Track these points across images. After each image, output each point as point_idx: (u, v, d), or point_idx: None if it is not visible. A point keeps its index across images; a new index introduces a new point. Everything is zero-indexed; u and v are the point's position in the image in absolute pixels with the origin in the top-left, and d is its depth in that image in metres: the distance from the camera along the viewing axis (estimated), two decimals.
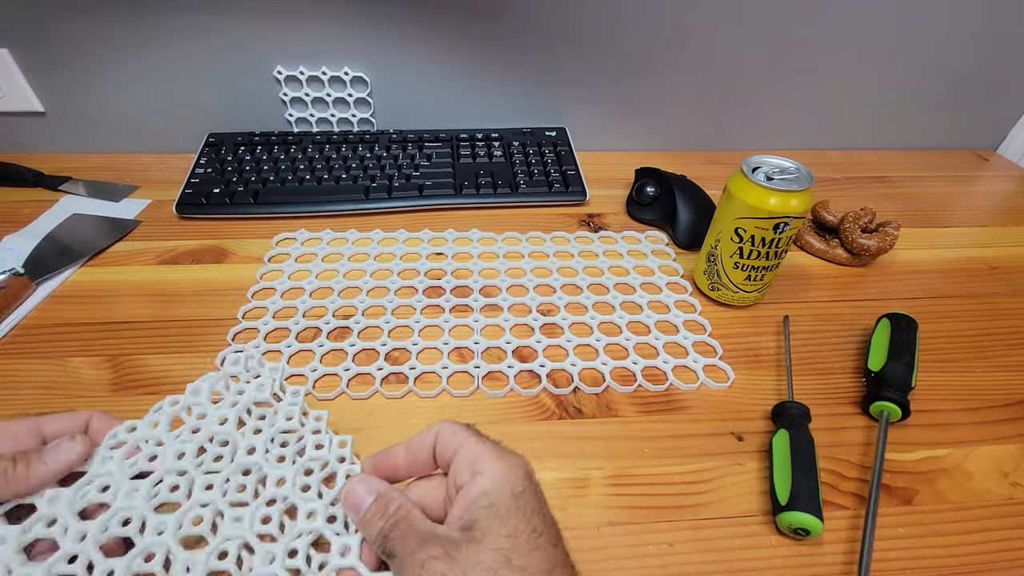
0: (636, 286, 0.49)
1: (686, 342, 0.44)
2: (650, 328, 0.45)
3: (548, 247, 0.53)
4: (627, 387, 0.40)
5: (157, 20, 0.57)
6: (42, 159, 0.62)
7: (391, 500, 0.25)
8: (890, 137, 0.73)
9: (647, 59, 0.64)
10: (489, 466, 0.24)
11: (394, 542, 0.24)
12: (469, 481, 0.24)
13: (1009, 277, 0.52)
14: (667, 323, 0.46)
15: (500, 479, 0.24)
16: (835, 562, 0.31)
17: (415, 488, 0.27)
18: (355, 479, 0.27)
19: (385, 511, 0.25)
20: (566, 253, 0.53)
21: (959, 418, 0.39)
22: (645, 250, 0.54)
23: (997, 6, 0.62)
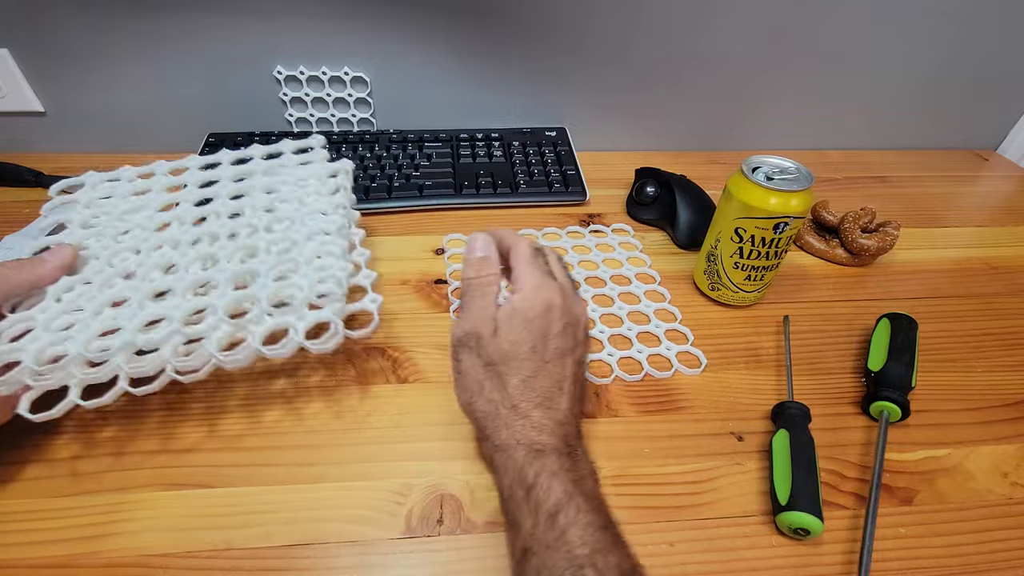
0: (636, 286, 0.49)
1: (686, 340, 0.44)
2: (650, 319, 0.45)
3: (565, 242, 0.54)
4: (634, 376, 0.40)
5: (157, 20, 0.57)
6: (42, 159, 0.62)
7: (490, 265, 0.33)
8: (890, 137, 0.73)
9: (647, 59, 0.64)
10: (522, 289, 0.32)
11: (468, 294, 0.33)
12: (514, 292, 0.32)
13: (1009, 277, 0.52)
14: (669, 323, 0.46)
15: (524, 302, 0.31)
16: (835, 562, 0.31)
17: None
18: (486, 233, 0.35)
19: (479, 270, 0.33)
20: (562, 249, 0.53)
21: (959, 418, 0.39)
22: (645, 250, 0.54)
23: (997, 6, 0.62)
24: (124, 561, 0.30)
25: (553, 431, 0.29)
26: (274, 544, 0.31)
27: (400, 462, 0.35)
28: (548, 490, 0.26)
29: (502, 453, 0.29)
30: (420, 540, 0.31)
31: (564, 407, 0.30)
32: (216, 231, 0.38)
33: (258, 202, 0.40)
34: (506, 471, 0.28)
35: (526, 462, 0.27)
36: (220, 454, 0.35)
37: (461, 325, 0.32)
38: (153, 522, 0.31)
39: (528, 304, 0.31)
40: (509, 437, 0.29)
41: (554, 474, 0.27)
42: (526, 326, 0.31)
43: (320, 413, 0.38)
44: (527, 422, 0.29)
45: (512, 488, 0.27)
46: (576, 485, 0.27)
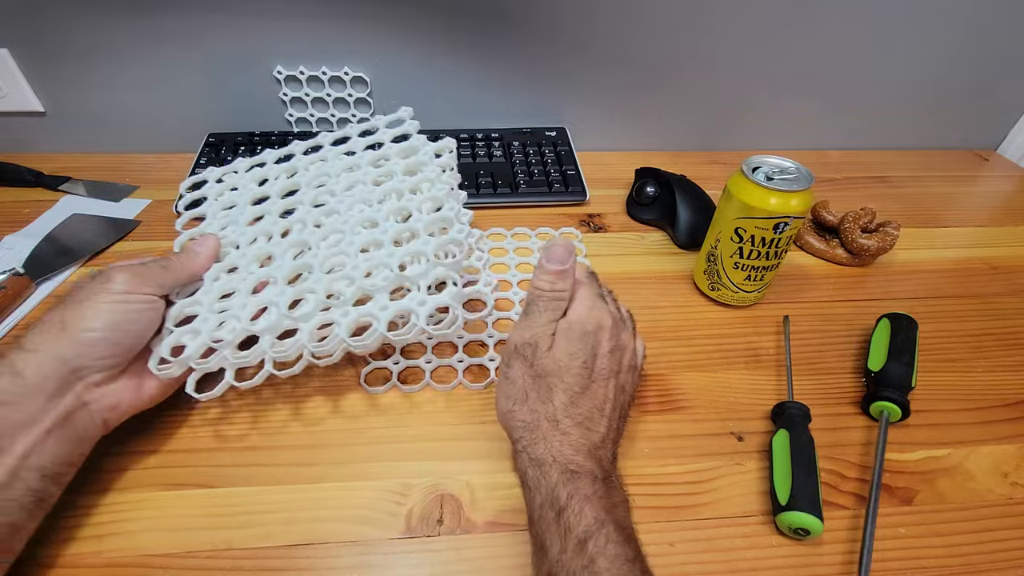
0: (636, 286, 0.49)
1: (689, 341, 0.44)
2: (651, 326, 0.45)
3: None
4: None
5: (157, 20, 0.57)
6: (42, 159, 0.62)
7: (566, 279, 0.33)
8: (890, 137, 0.73)
9: (647, 59, 0.64)
10: (578, 306, 0.33)
11: (536, 305, 0.32)
12: (570, 305, 0.33)
13: (1009, 277, 0.52)
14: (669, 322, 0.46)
15: (580, 318, 0.32)
16: (835, 562, 0.31)
17: None
18: (566, 243, 0.33)
19: (554, 284, 0.32)
20: None
21: (959, 418, 0.39)
22: (645, 250, 0.54)
23: (997, 6, 0.62)
24: (124, 561, 0.30)
25: (590, 453, 0.29)
26: (274, 544, 0.31)
27: (400, 462, 0.35)
28: (579, 514, 0.26)
29: (536, 469, 0.28)
30: (420, 540, 0.31)
31: (602, 430, 0.30)
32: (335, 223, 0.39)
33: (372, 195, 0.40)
34: (538, 489, 0.28)
35: (560, 482, 0.27)
36: (220, 454, 0.35)
37: (521, 334, 0.32)
38: (153, 522, 0.31)
39: (583, 320, 0.32)
40: (546, 452, 0.29)
41: (587, 498, 0.26)
42: (583, 340, 0.31)
43: (320, 413, 0.38)
44: (565, 439, 0.29)
45: (543, 508, 0.27)
46: (608, 512, 0.26)
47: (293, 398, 0.39)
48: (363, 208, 0.39)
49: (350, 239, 0.37)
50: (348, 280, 0.35)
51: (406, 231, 0.37)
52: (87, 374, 0.30)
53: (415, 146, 0.43)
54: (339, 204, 0.40)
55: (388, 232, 0.37)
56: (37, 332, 0.29)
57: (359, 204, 0.40)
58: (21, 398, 0.27)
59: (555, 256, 0.32)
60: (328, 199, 0.41)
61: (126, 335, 0.31)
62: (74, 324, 0.29)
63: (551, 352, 0.31)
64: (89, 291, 0.31)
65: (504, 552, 0.31)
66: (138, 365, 0.33)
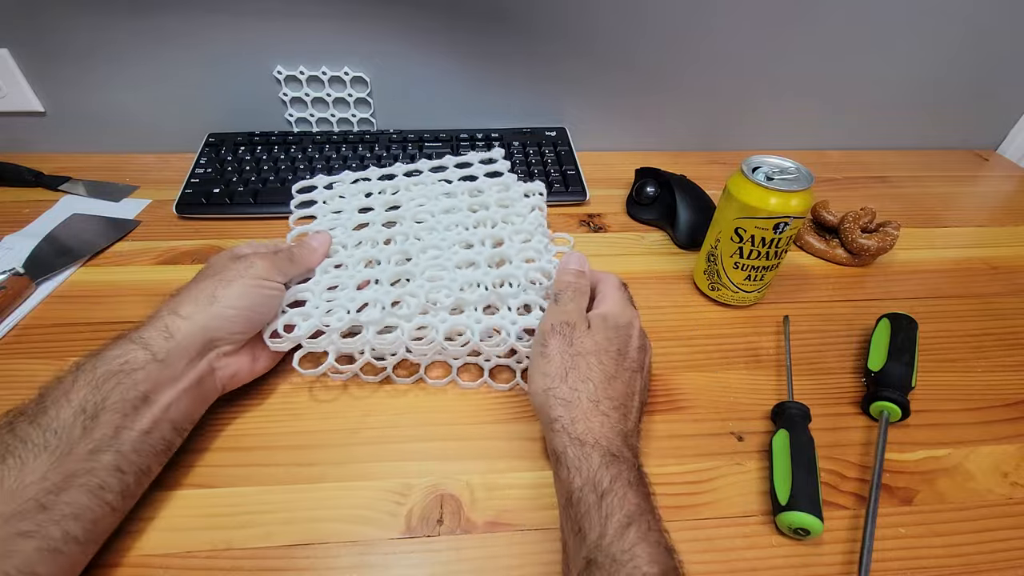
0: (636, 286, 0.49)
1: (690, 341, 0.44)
2: None
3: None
4: None
5: (157, 20, 0.57)
6: (42, 159, 0.62)
7: (586, 276, 0.38)
8: (890, 137, 0.73)
9: (647, 59, 0.64)
10: (612, 303, 0.36)
11: (564, 296, 0.36)
12: (598, 306, 0.36)
13: (1009, 277, 0.52)
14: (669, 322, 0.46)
15: (614, 312, 0.35)
16: (835, 562, 0.31)
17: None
18: (578, 253, 0.39)
19: (579, 278, 0.37)
20: None
21: (959, 418, 0.39)
22: (645, 250, 0.54)
23: (997, 6, 0.62)
24: (124, 561, 0.30)
25: (625, 440, 0.30)
26: (274, 544, 0.31)
27: (400, 462, 0.35)
28: (623, 499, 0.26)
29: (578, 448, 0.29)
30: (420, 540, 0.31)
31: (634, 418, 0.31)
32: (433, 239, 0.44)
33: (468, 220, 0.46)
34: (579, 471, 0.28)
35: (602, 465, 0.27)
36: (220, 454, 0.35)
37: (555, 315, 0.35)
38: (153, 522, 0.31)
39: (618, 313, 0.35)
40: (587, 432, 0.29)
41: (629, 483, 0.27)
42: (617, 331, 0.34)
43: (320, 413, 0.38)
44: (607, 421, 0.30)
45: (583, 491, 0.27)
46: (646, 500, 0.27)
47: (293, 398, 0.39)
48: (460, 230, 0.45)
49: (448, 255, 0.42)
50: (447, 291, 0.40)
51: (498, 256, 0.42)
52: (221, 344, 0.34)
53: (507, 183, 0.49)
54: (437, 223, 0.45)
55: (483, 254, 0.42)
56: (191, 301, 0.33)
57: (456, 226, 0.45)
58: (171, 357, 0.31)
59: (574, 260, 0.38)
60: (427, 217, 0.46)
61: (257, 314, 0.36)
62: (222, 300, 0.34)
63: (590, 333, 0.33)
64: (235, 272, 0.35)
65: (504, 552, 0.31)
66: (255, 341, 0.37)
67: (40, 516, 0.25)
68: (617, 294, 0.37)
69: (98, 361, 0.29)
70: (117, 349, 0.30)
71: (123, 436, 0.28)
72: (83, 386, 0.28)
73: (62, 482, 0.26)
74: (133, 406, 0.29)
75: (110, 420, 0.28)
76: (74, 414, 0.27)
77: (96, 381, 0.28)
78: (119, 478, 0.28)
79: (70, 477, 0.26)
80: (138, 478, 0.30)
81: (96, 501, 0.27)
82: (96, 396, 0.28)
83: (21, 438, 0.26)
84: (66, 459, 0.26)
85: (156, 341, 0.31)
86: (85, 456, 0.27)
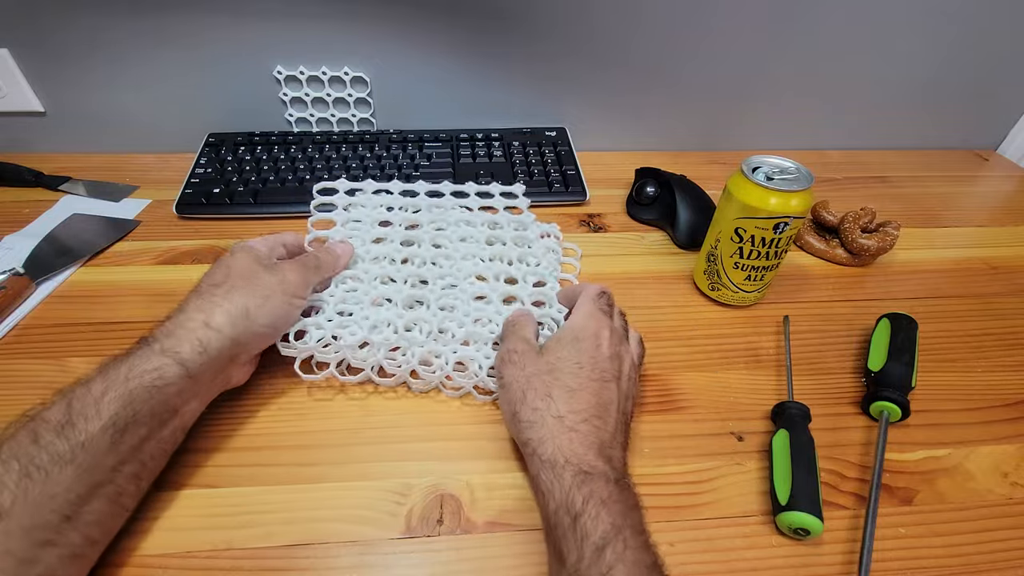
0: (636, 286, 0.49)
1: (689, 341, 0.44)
2: None
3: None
4: None
5: (157, 20, 0.57)
6: (42, 159, 0.62)
7: (524, 313, 0.39)
8: (890, 137, 0.73)
9: (647, 59, 0.64)
10: (574, 317, 0.36)
11: (507, 330, 0.37)
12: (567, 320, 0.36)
13: (1009, 277, 0.52)
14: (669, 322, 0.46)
15: (571, 327, 0.35)
16: (835, 562, 0.31)
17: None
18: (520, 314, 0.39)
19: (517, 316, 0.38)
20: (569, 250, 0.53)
21: (959, 418, 0.39)
22: (645, 250, 0.54)
23: (997, 6, 0.62)
24: (123, 561, 0.30)
25: (600, 451, 0.29)
26: (274, 544, 0.31)
27: (400, 462, 0.35)
28: (596, 519, 0.25)
29: (548, 471, 0.28)
30: (420, 540, 0.31)
31: (611, 429, 0.31)
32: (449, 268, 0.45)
33: (483, 252, 0.47)
34: (552, 494, 0.27)
35: (574, 485, 0.27)
36: (220, 454, 0.35)
37: (504, 347, 0.35)
38: (153, 522, 0.31)
39: (579, 327, 0.34)
40: (556, 452, 0.28)
41: (603, 502, 0.26)
42: (574, 344, 0.33)
43: (321, 413, 0.38)
44: (575, 436, 0.29)
45: (558, 515, 0.27)
46: (624, 517, 0.26)
47: (293, 398, 0.39)
48: (476, 260, 0.46)
49: (463, 287, 0.43)
50: (459, 322, 0.41)
51: (510, 293, 0.43)
52: (244, 358, 0.34)
53: (525, 222, 0.50)
54: (454, 252, 0.46)
55: (496, 291, 0.43)
56: (224, 314, 0.32)
57: (472, 256, 0.46)
58: (202, 372, 0.31)
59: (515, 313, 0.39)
60: (445, 243, 0.47)
61: (283, 329, 0.36)
62: (257, 318, 0.33)
63: (541, 355, 0.34)
64: (270, 288, 0.35)
65: (504, 552, 0.31)
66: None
67: (64, 526, 0.25)
68: (584, 307, 0.36)
69: (130, 372, 0.29)
70: (149, 361, 0.30)
71: (147, 447, 0.29)
72: (114, 400, 0.28)
73: (86, 493, 0.26)
74: (161, 421, 0.30)
75: (137, 433, 0.28)
76: (103, 428, 0.27)
77: (128, 395, 0.28)
78: (136, 484, 0.29)
79: (95, 488, 0.26)
80: (150, 478, 0.31)
81: (115, 507, 0.28)
82: (127, 411, 0.28)
83: (47, 450, 0.25)
84: (92, 472, 0.26)
85: (190, 356, 0.30)
86: (110, 468, 0.27)
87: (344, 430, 0.37)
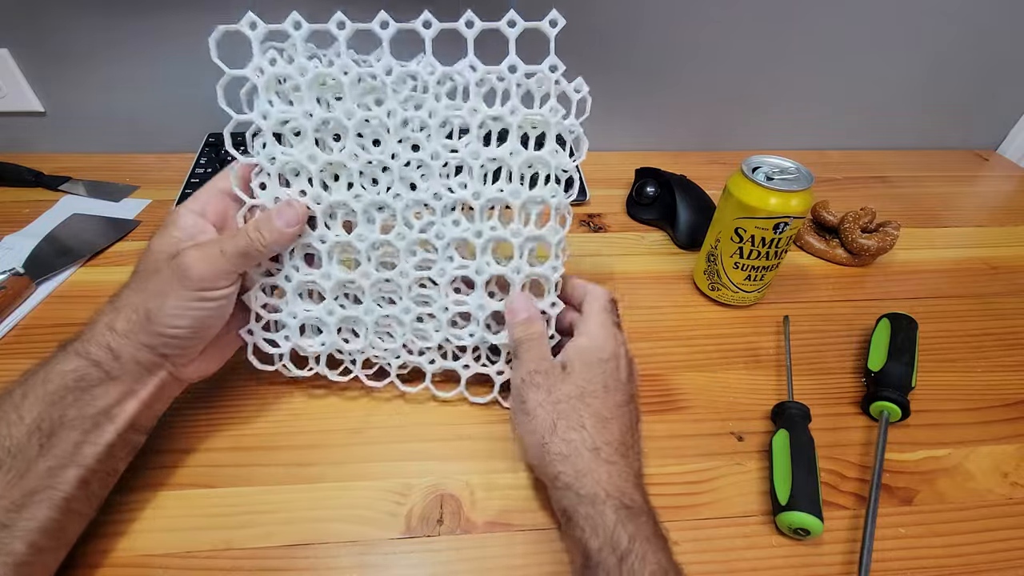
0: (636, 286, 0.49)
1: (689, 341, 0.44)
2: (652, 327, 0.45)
3: None
4: None
5: (157, 20, 0.57)
6: (42, 159, 0.62)
7: (535, 321, 0.34)
8: (890, 137, 0.73)
9: (647, 60, 0.64)
10: (589, 332, 0.33)
11: (522, 348, 0.33)
12: (577, 335, 0.34)
13: (1009, 277, 0.52)
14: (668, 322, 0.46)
15: (592, 343, 0.33)
16: (835, 562, 0.31)
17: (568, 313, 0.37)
18: (521, 295, 0.35)
19: (527, 329, 0.34)
20: None
21: (959, 418, 0.39)
22: (645, 250, 0.54)
23: (997, 6, 0.62)
24: (123, 561, 0.30)
25: (637, 484, 0.28)
26: (274, 544, 0.31)
27: (400, 462, 0.35)
28: (643, 559, 0.25)
29: (588, 506, 0.27)
30: (420, 540, 0.31)
31: (640, 458, 0.30)
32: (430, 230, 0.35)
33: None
34: (595, 532, 0.26)
35: (618, 522, 0.26)
36: (220, 454, 0.35)
37: (522, 368, 0.32)
38: (153, 522, 0.31)
39: (599, 346, 0.32)
40: (595, 487, 0.27)
41: (648, 540, 0.25)
42: (600, 366, 0.32)
43: (320, 413, 0.38)
44: (614, 469, 0.28)
45: (602, 553, 0.25)
46: (667, 556, 0.25)
47: (293, 398, 0.39)
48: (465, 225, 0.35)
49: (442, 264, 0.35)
50: (436, 324, 0.37)
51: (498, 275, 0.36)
52: (176, 359, 0.31)
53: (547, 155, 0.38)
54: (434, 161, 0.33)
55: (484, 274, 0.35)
56: (123, 318, 0.29)
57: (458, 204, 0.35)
58: (124, 375, 0.29)
59: (520, 307, 0.35)
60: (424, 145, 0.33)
61: (209, 329, 0.32)
62: (158, 319, 0.29)
63: (568, 376, 0.31)
64: (167, 283, 0.29)
65: (504, 552, 0.31)
66: (221, 337, 0.34)
67: (2, 534, 0.24)
68: (600, 317, 0.34)
69: (48, 375, 0.27)
70: (68, 363, 0.28)
71: (85, 451, 0.27)
72: (35, 403, 0.27)
73: (21, 499, 0.25)
74: (94, 422, 0.28)
75: (69, 437, 0.27)
76: (28, 433, 0.26)
77: (50, 397, 0.27)
78: (84, 488, 0.28)
79: (30, 494, 0.25)
80: (104, 482, 0.29)
81: (61, 512, 0.26)
82: (52, 413, 0.27)
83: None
84: (24, 478, 0.25)
85: (104, 359, 0.28)
86: (44, 473, 0.26)
87: (344, 430, 0.37)
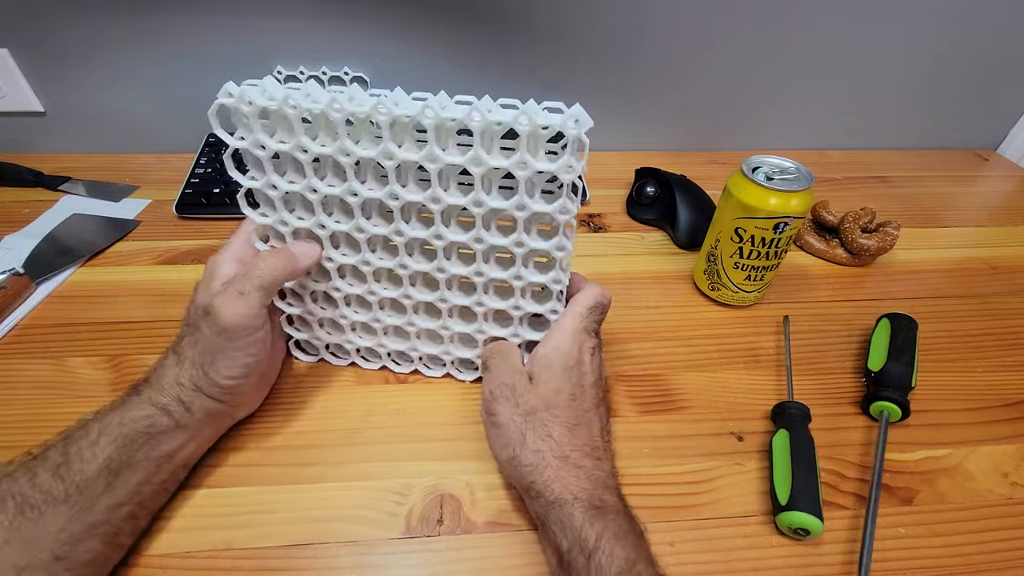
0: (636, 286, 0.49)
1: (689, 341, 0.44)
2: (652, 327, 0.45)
3: None
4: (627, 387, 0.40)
5: (157, 20, 0.57)
6: (42, 159, 0.62)
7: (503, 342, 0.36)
8: (890, 137, 0.73)
9: (647, 60, 0.64)
10: (556, 338, 0.33)
11: (492, 360, 0.34)
12: (545, 340, 0.34)
13: (1009, 277, 0.52)
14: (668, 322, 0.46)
15: (558, 351, 0.32)
16: (835, 562, 0.31)
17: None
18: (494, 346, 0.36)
19: (496, 344, 0.36)
20: None
21: (959, 418, 0.39)
22: (645, 250, 0.54)
23: (997, 6, 0.62)
24: (124, 561, 0.30)
25: (606, 484, 0.29)
26: (274, 544, 0.31)
27: (400, 462, 0.35)
28: (611, 556, 0.25)
29: (557, 510, 0.28)
30: (420, 540, 0.31)
31: (610, 458, 0.31)
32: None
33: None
34: (564, 533, 0.27)
35: (586, 521, 0.27)
36: (220, 454, 0.35)
37: (490, 381, 0.33)
38: (153, 522, 0.31)
39: (566, 352, 0.32)
40: (564, 491, 0.28)
41: (615, 536, 0.26)
42: (565, 374, 0.32)
43: (320, 413, 0.38)
44: (581, 473, 0.29)
45: (572, 553, 0.26)
46: (636, 549, 0.26)
47: (293, 398, 0.39)
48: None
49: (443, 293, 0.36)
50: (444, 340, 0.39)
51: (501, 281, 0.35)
52: (237, 400, 0.34)
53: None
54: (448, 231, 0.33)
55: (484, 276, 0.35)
56: (187, 374, 0.31)
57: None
58: (194, 424, 0.31)
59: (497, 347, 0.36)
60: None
61: (260, 364, 0.34)
62: (215, 378, 0.31)
63: (534, 387, 0.32)
64: (211, 340, 0.31)
65: (504, 552, 0.31)
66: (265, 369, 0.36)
67: (54, 565, 0.25)
68: (571, 323, 0.33)
69: (123, 419, 0.29)
70: (141, 410, 0.30)
71: (144, 490, 0.29)
72: (109, 443, 0.28)
73: (81, 533, 0.26)
74: (157, 464, 0.30)
75: (133, 477, 0.28)
76: (98, 471, 0.27)
77: (122, 439, 0.28)
78: (133, 524, 0.29)
79: (89, 528, 0.26)
80: (147, 515, 0.31)
81: (110, 546, 0.28)
82: (123, 455, 0.28)
83: (42, 489, 0.26)
84: (87, 513, 0.26)
85: (176, 410, 0.30)
86: (105, 509, 0.27)
87: (344, 430, 0.37)
